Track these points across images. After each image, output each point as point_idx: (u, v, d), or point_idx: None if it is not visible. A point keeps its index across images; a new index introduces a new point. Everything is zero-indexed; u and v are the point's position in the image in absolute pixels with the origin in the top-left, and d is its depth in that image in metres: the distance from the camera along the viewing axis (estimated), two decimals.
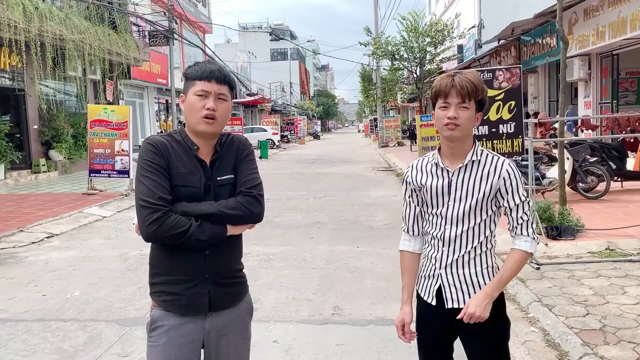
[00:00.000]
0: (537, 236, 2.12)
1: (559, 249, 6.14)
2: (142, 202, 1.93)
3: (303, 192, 12.80)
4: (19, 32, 13.28)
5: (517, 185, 2.09)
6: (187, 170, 2.03)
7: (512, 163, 2.10)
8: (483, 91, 2.10)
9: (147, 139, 2.05)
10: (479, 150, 2.14)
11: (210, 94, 2.01)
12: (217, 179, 2.07)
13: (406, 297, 2.25)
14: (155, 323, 2.06)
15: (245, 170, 2.12)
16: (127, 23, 19.32)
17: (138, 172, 2.00)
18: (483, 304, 2.03)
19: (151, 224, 1.91)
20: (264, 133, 33.60)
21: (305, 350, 3.98)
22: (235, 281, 2.17)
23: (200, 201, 2.02)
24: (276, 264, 6.36)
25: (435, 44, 22.77)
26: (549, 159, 10.55)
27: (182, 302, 2.04)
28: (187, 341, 2.06)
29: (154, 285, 2.10)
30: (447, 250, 2.13)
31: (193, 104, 2.02)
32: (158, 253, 2.07)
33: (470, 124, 2.09)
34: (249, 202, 2.06)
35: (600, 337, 3.84)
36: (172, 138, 2.08)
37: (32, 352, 4.04)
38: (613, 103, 14.28)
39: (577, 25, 14.10)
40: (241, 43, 70.52)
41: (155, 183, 1.95)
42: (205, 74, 2.02)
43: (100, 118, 12.05)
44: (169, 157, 2.01)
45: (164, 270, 2.06)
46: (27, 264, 6.68)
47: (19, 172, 15.10)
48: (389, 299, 5.01)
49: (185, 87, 2.08)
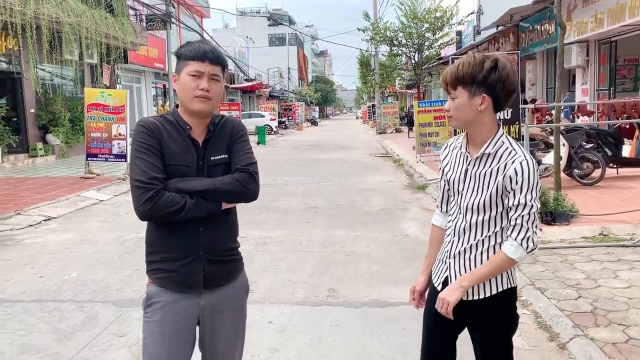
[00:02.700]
0: (528, 244, 1.97)
1: (553, 234, 6.19)
2: (136, 182, 1.95)
3: (300, 177, 12.82)
4: (14, 15, 13.18)
5: (524, 186, 1.94)
6: (180, 150, 2.04)
7: (527, 162, 1.93)
8: (472, 74, 1.96)
9: (139, 121, 2.06)
10: (498, 142, 2.02)
11: (204, 74, 2.01)
12: (210, 159, 2.08)
13: (424, 268, 2.34)
14: (151, 299, 2.09)
15: (240, 150, 2.13)
16: (124, 6, 19.14)
17: (132, 154, 2.03)
18: (450, 291, 2.04)
19: (145, 202, 1.93)
20: (261, 119, 33.54)
21: (300, 331, 4.04)
22: (231, 259, 2.19)
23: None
24: (272, 248, 6.40)
25: (434, 30, 22.67)
26: (545, 146, 10.57)
27: (178, 278, 2.06)
28: (182, 317, 2.09)
29: (150, 263, 2.13)
30: (457, 240, 2.12)
31: (187, 84, 2.02)
32: (153, 231, 2.10)
33: (463, 112, 2.01)
34: (244, 178, 2.07)
35: (591, 319, 3.89)
36: (165, 119, 2.09)
37: (30, 331, 4.08)
38: (610, 90, 14.29)
39: (576, 11, 14.05)
40: (239, 28, 70.09)
41: (147, 163, 1.97)
42: (199, 54, 2.02)
43: (97, 102, 12.02)
44: (161, 137, 2.03)
45: (159, 248, 2.08)
46: (24, 246, 6.71)
47: (16, 156, 15.08)
48: (383, 282, 5.06)
49: (178, 66, 2.07)
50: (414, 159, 14.52)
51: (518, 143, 2.03)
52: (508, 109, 10.46)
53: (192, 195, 1.99)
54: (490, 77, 1.96)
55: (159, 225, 2.06)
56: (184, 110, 2.09)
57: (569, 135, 9.23)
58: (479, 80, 1.96)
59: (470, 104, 1.99)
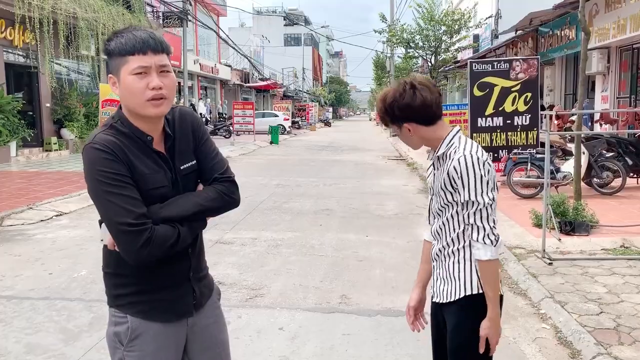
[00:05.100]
0: (490, 240, 1.90)
1: (572, 245, 6.02)
2: (122, 227, 1.61)
3: (313, 178, 12.72)
4: (32, 9, 13.24)
5: (465, 183, 1.90)
6: (150, 170, 1.72)
7: (465, 158, 1.90)
8: (384, 118, 2.10)
9: (92, 143, 1.65)
10: (450, 142, 2.02)
11: (151, 69, 1.65)
12: (180, 169, 1.80)
13: (416, 282, 2.31)
14: (136, 331, 1.78)
15: (210, 153, 1.87)
16: (141, 3, 19.19)
17: (96, 187, 1.63)
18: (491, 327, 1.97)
19: (142, 247, 1.62)
20: (275, 118, 33.46)
21: (311, 338, 3.93)
22: (207, 269, 1.99)
23: (169, 198, 1.75)
24: (284, 250, 6.30)
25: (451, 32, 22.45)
26: (562, 153, 10.38)
27: (163, 307, 1.80)
28: (174, 343, 1.86)
29: (122, 297, 1.79)
30: (435, 243, 2.14)
31: (132, 86, 1.65)
32: (123, 260, 1.70)
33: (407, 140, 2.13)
34: (229, 189, 1.85)
35: (614, 336, 3.74)
36: (117, 131, 1.70)
37: (37, 330, 4.02)
38: (631, 98, 14.01)
39: (598, 17, 13.80)
40: (255, 27, 70.14)
41: (126, 199, 1.62)
42: (137, 45, 1.63)
43: (112, 98, 11.98)
44: (128, 159, 1.67)
45: (139, 279, 1.77)
46: (35, 241, 6.67)
47: (30, 149, 15.14)
48: (397, 290, 4.94)
49: (114, 65, 1.68)
50: (428, 162, 14.34)
51: (469, 140, 2.01)
52: (526, 115, 10.37)
53: (182, 221, 1.73)
54: (394, 111, 2.03)
55: None
56: (135, 116, 1.72)
57: (588, 143, 9.04)
58: (391, 119, 2.07)
59: (405, 134, 2.09)
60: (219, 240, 6.64)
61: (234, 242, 6.62)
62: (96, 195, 1.64)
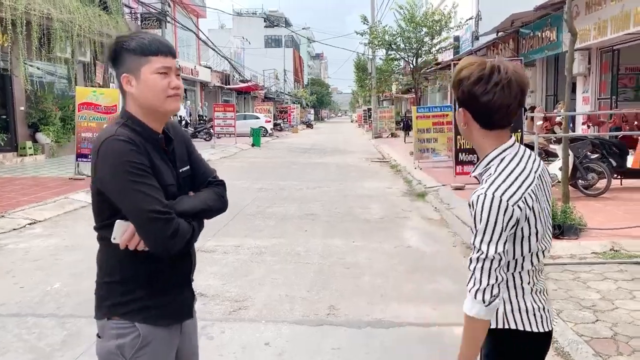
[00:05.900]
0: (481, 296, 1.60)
1: (562, 249, 5.93)
2: (153, 214, 1.64)
3: (296, 182, 12.52)
4: (4, 10, 12.83)
5: (476, 224, 1.63)
6: (164, 168, 1.80)
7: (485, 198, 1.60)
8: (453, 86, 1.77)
9: (116, 135, 1.70)
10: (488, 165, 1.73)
11: (171, 70, 1.79)
12: (180, 172, 1.89)
13: None
14: (146, 339, 1.78)
15: (201, 160, 2.00)
16: (118, 4, 18.83)
17: (124, 178, 1.65)
18: None
19: (171, 235, 1.67)
20: (256, 121, 33.20)
21: (299, 354, 3.74)
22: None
23: (176, 197, 1.80)
24: (268, 258, 6.10)
25: (432, 34, 22.45)
26: (545, 154, 10.34)
27: (170, 310, 1.85)
28: (172, 350, 1.90)
29: (131, 303, 1.77)
30: None
31: (156, 83, 1.74)
32: (130, 265, 1.76)
33: (459, 127, 1.83)
34: (222, 192, 1.97)
35: (612, 346, 3.62)
36: (130, 129, 1.75)
37: (5, 351, 3.76)
38: (612, 99, 14.10)
39: (578, 19, 13.84)
40: (235, 29, 69.72)
41: (154, 189, 1.69)
42: (161, 47, 1.77)
43: (89, 101, 11.68)
44: (147, 154, 1.74)
45: (149, 282, 1.79)
46: (6, 252, 6.37)
47: (4, 154, 14.69)
48: (386, 298, 4.77)
49: (132, 64, 1.74)
50: (412, 164, 14.26)
51: (509, 168, 1.67)
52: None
53: (194, 217, 1.80)
54: (460, 88, 1.71)
55: (140, 256, 1.73)
56: (147, 115, 1.79)
57: (573, 145, 8.98)
58: (457, 93, 1.74)
59: (459, 116, 1.78)
60: (200, 248, 6.40)
61: (216, 250, 6.40)
62: (123, 185, 1.66)
